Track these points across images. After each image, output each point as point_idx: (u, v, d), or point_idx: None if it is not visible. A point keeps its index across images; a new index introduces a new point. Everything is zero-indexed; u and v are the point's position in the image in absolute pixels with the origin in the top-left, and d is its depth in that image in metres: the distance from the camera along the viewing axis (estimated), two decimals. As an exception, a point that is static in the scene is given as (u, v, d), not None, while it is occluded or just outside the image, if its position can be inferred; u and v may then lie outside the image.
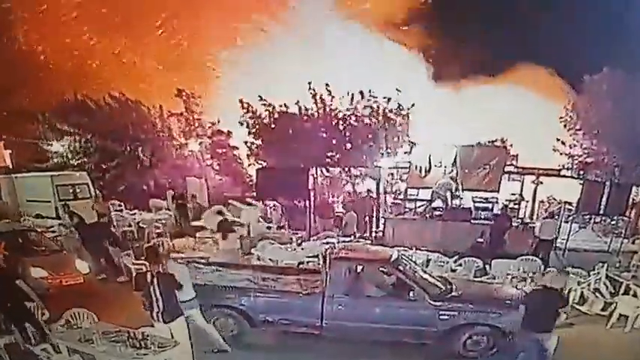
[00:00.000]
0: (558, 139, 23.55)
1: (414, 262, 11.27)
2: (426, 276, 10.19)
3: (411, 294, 9.29)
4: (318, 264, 12.72)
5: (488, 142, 24.34)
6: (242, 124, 22.67)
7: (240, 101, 22.20)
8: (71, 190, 20.67)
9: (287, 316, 9.65)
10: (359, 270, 10.05)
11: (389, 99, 21.64)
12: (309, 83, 21.64)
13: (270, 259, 13.84)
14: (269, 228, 18.78)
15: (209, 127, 26.62)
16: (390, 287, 9.71)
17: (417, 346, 9.52)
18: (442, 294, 9.54)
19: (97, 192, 22.04)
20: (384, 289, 9.71)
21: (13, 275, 9.45)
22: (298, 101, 21.64)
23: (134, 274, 10.10)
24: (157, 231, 18.53)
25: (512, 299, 9.68)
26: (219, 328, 9.62)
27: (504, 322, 9.08)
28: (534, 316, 8.08)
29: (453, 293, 9.68)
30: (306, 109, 21.69)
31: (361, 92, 21.70)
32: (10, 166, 25.53)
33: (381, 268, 10.15)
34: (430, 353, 9.49)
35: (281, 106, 21.91)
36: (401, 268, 9.82)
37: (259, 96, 21.90)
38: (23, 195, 21.36)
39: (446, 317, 9.19)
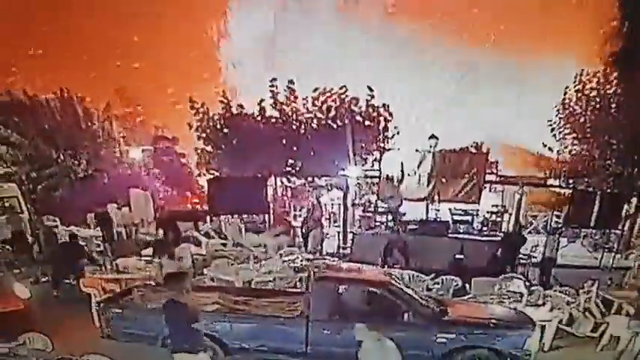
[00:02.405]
0: (545, 145, 23.70)
1: (404, 283, 11.36)
2: (417, 297, 10.23)
3: (405, 316, 9.32)
4: (287, 284, 12.82)
5: (467, 147, 24.57)
6: (191, 127, 22.32)
7: (190, 99, 21.99)
8: (-2, 204, 20.33)
9: (266, 342, 9.59)
10: (341, 291, 10.06)
11: (357, 99, 21.54)
12: (273, 80, 21.45)
13: (227, 280, 13.72)
14: (224, 245, 18.69)
15: (153, 132, 26.46)
16: (380, 309, 9.71)
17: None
18: (436, 316, 9.62)
19: (29, 206, 21.70)
20: (374, 312, 9.72)
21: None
22: (262, 100, 21.42)
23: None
24: (98, 249, 18.28)
25: (509, 320, 9.88)
26: (189, 357, 9.55)
27: (503, 343, 9.21)
28: None
29: (448, 316, 9.78)
30: (264, 111, 21.49)
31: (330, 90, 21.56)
32: None
33: (369, 289, 10.17)
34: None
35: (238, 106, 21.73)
36: (392, 289, 9.85)
37: (222, 92, 21.60)
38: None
39: (443, 341, 9.26)
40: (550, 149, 23.43)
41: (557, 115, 23.34)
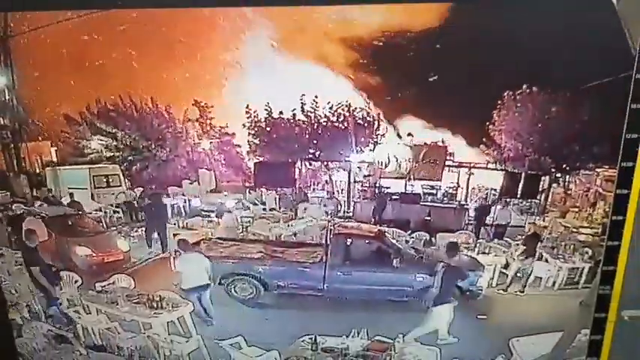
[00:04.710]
0: (484, 141, 23.52)
1: (393, 236, 11.52)
2: (403, 247, 10.40)
3: (394, 261, 9.49)
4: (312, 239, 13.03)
5: (432, 142, 24.38)
6: (244, 126, 22.30)
7: (247, 106, 21.81)
8: (104, 180, 20.44)
9: (295, 281, 9.80)
10: (348, 243, 10.23)
11: (361, 108, 21.40)
12: (302, 96, 21.29)
13: (262, 234, 13.94)
14: (264, 210, 18.88)
15: (218, 130, 26.38)
16: (376, 256, 9.85)
17: (398, 302, 9.73)
18: (416, 261, 9.77)
19: (126, 181, 21.90)
20: (372, 258, 9.86)
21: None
22: (295, 109, 21.30)
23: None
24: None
25: (465, 264, 10.04)
26: (238, 292, 9.74)
27: (464, 282, 9.40)
28: None
29: (424, 260, 9.95)
30: (295, 117, 21.41)
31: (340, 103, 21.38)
32: (55, 160, 25.18)
33: (368, 241, 10.34)
34: (407, 308, 9.67)
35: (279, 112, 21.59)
36: (386, 240, 10.07)
37: (267, 103, 21.62)
38: (65, 184, 21.02)
39: (420, 279, 9.41)
40: (488, 144, 23.25)
41: (492, 121, 23.14)
